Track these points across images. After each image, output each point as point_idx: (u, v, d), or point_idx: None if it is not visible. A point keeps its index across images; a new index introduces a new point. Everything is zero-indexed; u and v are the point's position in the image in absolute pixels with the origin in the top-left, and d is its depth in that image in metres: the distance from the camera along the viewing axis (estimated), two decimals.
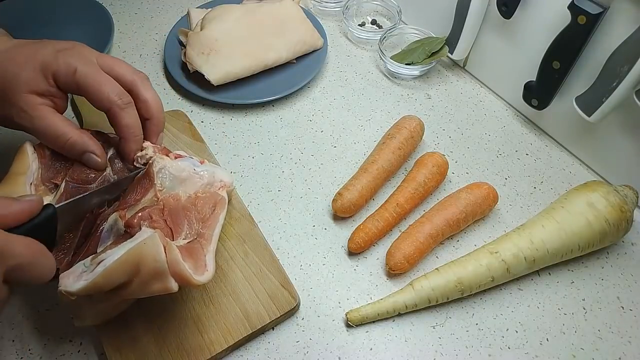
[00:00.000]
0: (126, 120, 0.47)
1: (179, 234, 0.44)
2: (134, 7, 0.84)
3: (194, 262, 0.42)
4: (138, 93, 0.49)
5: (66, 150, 0.47)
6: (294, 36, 0.73)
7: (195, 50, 0.69)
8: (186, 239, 0.44)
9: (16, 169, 0.46)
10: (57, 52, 0.46)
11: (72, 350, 0.49)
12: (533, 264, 0.52)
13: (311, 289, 0.54)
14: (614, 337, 0.51)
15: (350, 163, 0.65)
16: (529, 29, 0.62)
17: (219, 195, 0.50)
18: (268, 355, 0.50)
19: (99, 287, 0.39)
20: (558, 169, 0.65)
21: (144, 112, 0.49)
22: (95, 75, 0.46)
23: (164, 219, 0.44)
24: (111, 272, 0.39)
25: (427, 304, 0.51)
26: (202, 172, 0.50)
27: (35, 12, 0.80)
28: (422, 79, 0.74)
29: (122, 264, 0.39)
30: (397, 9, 0.79)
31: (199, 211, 0.47)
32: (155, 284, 0.40)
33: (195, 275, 0.41)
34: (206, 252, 0.44)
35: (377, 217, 0.57)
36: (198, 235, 0.46)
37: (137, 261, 0.39)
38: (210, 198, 0.49)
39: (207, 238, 0.45)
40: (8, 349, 0.49)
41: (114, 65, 0.48)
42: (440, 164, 0.59)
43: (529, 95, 0.65)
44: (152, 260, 0.39)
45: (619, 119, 0.57)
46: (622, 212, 0.52)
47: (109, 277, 0.39)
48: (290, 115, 0.70)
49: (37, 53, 0.46)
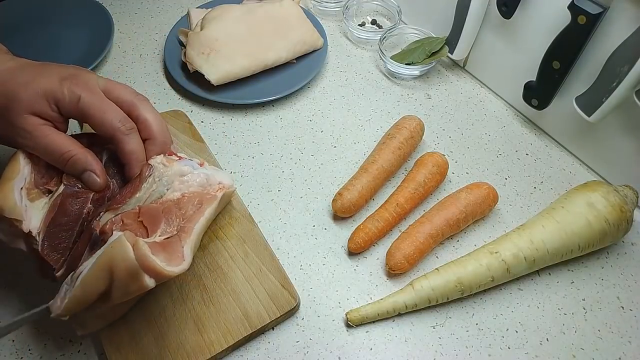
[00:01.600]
0: (129, 146, 0.47)
1: (154, 232, 0.44)
2: (134, 7, 0.84)
3: (168, 254, 0.42)
4: (138, 114, 0.49)
5: (68, 168, 0.47)
6: (294, 36, 0.73)
7: (195, 50, 0.69)
8: (163, 236, 0.44)
9: (7, 175, 0.46)
10: (62, 80, 0.46)
11: (72, 350, 0.49)
12: (533, 264, 0.52)
13: (311, 289, 0.54)
14: (614, 337, 0.51)
15: (350, 163, 0.65)
16: (529, 29, 0.62)
17: (209, 194, 0.49)
18: (268, 355, 0.50)
19: (80, 300, 0.39)
20: (558, 169, 0.65)
21: (144, 132, 0.49)
22: (99, 103, 0.46)
23: (139, 221, 0.43)
24: (87, 283, 0.39)
25: (427, 304, 0.51)
26: (196, 175, 0.49)
27: (35, 12, 0.80)
28: (422, 79, 0.75)
29: (95, 272, 0.39)
30: (397, 9, 0.79)
31: (181, 208, 0.47)
32: (133, 284, 0.40)
33: (169, 267, 0.41)
34: (183, 243, 0.43)
35: (377, 217, 0.57)
36: (179, 229, 0.45)
37: (108, 266, 0.39)
38: (196, 196, 0.48)
39: (187, 231, 0.45)
40: (8, 348, 0.49)
41: (115, 89, 0.48)
42: (440, 164, 0.59)
43: (529, 95, 0.65)
44: (121, 260, 0.39)
45: (619, 119, 0.57)
46: (622, 212, 0.52)
47: (87, 288, 0.39)
48: (290, 115, 0.70)
49: (41, 77, 0.46)
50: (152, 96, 0.71)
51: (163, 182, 0.45)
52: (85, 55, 0.73)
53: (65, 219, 0.46)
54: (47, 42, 0.77)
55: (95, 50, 0.74)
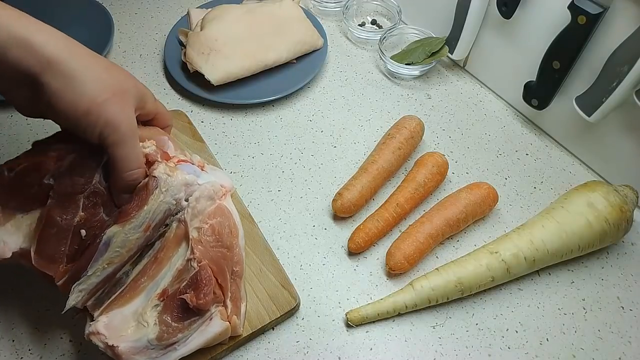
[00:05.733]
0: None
1: (227, 289, 0.46)
2: (134, 7, 0.84)
3: (235, 308, 0.47)
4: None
5: (130, 186, 0.43)
6: (294, 36, 0.73)
7: (195, 50, 0.69)
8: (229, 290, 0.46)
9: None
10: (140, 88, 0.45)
11: (72, 350, 0.49)
12: (533, 264, 0.52)
13: (311, 289, 0.54)
14: (614, 337, 0.51)
15: (350, 163, 0.65)
16: (529, 29, 0.62)
17: (225, 210, 0.47)
18: (268, 355, 0.50)
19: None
20: (558, 169, 0.65)
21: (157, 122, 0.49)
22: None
23: (215, 278, 0.45)
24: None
25: (427, 304, 0.51)
26: (204, 189, 0.46)
27: (35, 12, 0.79)
28: (422, 79, 0.75)
29: (193, 348, 0.45)
30: (397, 9, 0.79)
31: (224, 244, 0.46)
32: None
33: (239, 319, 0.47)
34: (242, 304, 0.48)
35: (377, 217, 0.57)
36: (232, 273, 0.47)
37: (209, 342, 0.46)
38: (223, 221, 0.47)
39: (240, 275, 0.48)
40: (8, 348, 0.49)
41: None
42: (440, 164, 0.59)
43: (529, 95, 0.65)
44: (220, 337, 0.46)
45: (619, 119, 0.57)
46: (622, 212, 0.52)
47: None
48: (290, 115, 0.70)
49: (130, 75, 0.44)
50: None
51: (170, 193, 0.44)
52: None
53: (55, 230, 0.44)
54: None
55: (95, 50, 0.72)
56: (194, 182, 0.45)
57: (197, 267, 0.44)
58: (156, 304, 0.44)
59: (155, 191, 0.43)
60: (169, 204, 0.44)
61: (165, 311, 0.44)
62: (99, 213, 0.44)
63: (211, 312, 0.44)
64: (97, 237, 0.43)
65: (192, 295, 0.43)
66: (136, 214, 0.43)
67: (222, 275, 0.45)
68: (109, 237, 0.42)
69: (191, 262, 0.44)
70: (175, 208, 0.45)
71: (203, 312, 0.44)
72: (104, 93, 0.40)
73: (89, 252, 0.43)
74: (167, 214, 0.45)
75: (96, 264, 0.42)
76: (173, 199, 0.44)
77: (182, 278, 0.44)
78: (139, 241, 0.44)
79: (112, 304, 0.44)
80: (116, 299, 0.44)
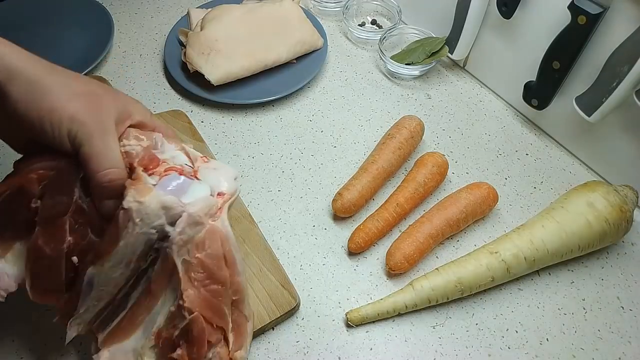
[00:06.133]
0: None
1: (227, 325, 0.42)
2: (134, 7, 0.84)
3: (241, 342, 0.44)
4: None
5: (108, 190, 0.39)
6: (294, 36, 0.73)
7: (195, 50, 0.69)
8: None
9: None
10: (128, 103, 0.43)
11: (72, 351, 0.49)
12: (533, 264, 0.52)
13: (311, 289, 0.54)
14: (614, 337, 0.51)
15: (350, 163, 0.65)
16: (529, 29, 0.63)
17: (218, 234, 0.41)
18: (268, 355, 0.50)
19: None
20: (558, 169, 0.65)
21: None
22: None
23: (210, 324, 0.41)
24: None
25: (427, 304, 0.51)
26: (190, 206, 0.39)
27: (35, 12, 0.80)
28: (422, 79, 0.75)
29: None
30: (397, 9, 0.79)
31: (218, 279, 0.41)
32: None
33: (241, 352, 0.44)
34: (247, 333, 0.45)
35: (377, 217, 0.57)
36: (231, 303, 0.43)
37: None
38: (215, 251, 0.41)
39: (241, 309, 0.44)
40: (8, 348, 0.49)
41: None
42: (440, 164, 0.59)
43: (529, 95, 0.65)
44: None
45: (619, 119, 0.57)
46: (622, 212, 0.52)
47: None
48: (290, 115, 0.70)
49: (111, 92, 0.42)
50: (152, 96, 0.71)
51: (146, 222, 0.38)
52: (85, 55, 0.73)
53: (46, 262, 0.41)
54: (47, 42, 0.77)
55: (95, 50, 0.74)
56: (174, 204, 0.38)
57: (188, 317, 0.40)
58: (154, 344, 0.41)
59: (128, 224, 0.38)
60: (148, 234, 0.38)
61: (162, 357, 0.42)
62: (87, 234, 0.41)
63: (210, 358, 0.41)
64: (80, 277, 0.40)
65: (184, 354, 0.40)
66: (112, 251, 0.38)
67: (219, 314, 0.41)
68: (90, 277, 0.39)
69: (182, 310, 0.40)
70: (158, 234, 0.39)
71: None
72: (71, 95, 0.38)
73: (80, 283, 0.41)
74: (149, 244, 0.39)
75: (85, 303, 0.40)
76: (151, 228, 0.38)
77: (175, 324, 0.41)
78: (125, 274, 0.40)
79: (114, 335, 0.42)
80: (117, 330, 0.42)
